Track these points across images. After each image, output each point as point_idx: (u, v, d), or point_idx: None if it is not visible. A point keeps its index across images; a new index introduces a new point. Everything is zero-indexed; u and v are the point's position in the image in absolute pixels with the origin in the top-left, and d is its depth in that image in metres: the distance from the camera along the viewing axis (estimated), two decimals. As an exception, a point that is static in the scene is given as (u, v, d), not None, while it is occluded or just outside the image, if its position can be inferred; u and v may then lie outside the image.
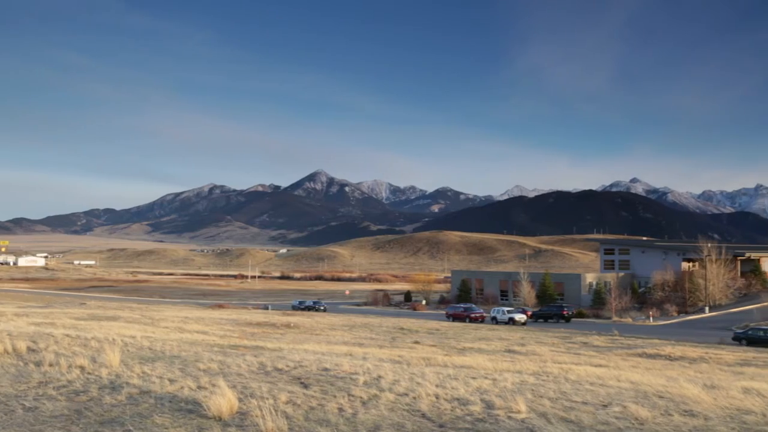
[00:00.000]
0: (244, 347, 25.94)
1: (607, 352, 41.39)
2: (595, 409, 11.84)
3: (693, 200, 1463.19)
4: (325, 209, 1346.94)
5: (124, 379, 12.95)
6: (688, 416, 11.54)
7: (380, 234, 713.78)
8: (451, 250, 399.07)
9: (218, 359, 17.92)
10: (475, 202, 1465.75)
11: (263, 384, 13.17)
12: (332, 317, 78.60)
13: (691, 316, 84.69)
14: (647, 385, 16.63)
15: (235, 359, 18.16)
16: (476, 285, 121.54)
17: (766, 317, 69.00)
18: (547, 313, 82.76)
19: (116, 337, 26.25)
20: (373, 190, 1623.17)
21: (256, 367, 16.46)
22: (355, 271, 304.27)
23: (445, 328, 62.25)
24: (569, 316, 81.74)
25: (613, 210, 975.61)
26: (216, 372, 15.00)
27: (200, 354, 19.75)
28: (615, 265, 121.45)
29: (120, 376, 13.49)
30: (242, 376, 14.46)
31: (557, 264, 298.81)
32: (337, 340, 44.19)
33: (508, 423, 10.31)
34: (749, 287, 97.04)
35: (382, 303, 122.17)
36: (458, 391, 13.27)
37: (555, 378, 17.97)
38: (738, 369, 32.15)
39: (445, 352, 34.16)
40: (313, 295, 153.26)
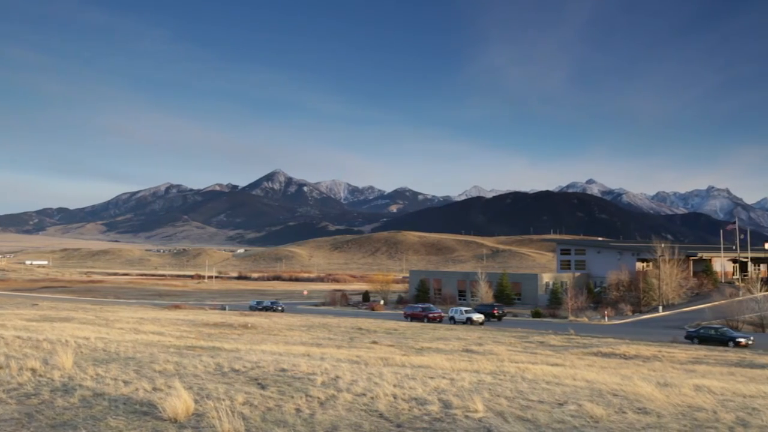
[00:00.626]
0: (200, 348, 25.70)
1: (563, 351, 41.82)
2: (551, 408, 11.95)
3: (647, 201, 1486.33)
4: (283, 209, 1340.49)
5: (77, 382, 12.72)
6: (642, 414, 11.71)
7: (338, 234, 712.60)
8: (410, 251, 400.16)
9: (174, 360, 17.71)
10: (434, 202, 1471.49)
11: (220, 385, 13.05)
12: (290, 317, 78.25)
13: (645, 315, 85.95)
14: (602, 384, 16.83)
15: (191, 360, 17.96)
16: (434, 285, 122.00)
17: (717, 316, 70.21)
18: (482, 312, 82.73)
19: (69, 338, 25.82)
20: (332, 190, 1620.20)
21: (212, 368, 16.30)
22: (313, 272, 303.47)
23: (404, 328, 62.34)
24: (500, 315, 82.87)
25: (570, 211, 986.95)
26: (172, 373, 14.82)
27: (156, 355, 19.51)
28: (571, 265, 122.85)
29: (73, 378, 13.25)
30: (199, 378, 14.31)
31: (515, 264, 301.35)
32: (295, 340, 43.99)
33: (466, 422, 10.35)
34: (701, 287, 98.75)
35: (341, 303, 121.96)
36: (416, 391, 13.29)
37: (512, 377, 18.10)
38: (690, 367, 32.72)
39: (403, 352, 34.21)
40: (270, 295, 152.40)
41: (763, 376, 28.02)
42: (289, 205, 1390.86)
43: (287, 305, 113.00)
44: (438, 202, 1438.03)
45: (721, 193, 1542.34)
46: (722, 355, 42.13)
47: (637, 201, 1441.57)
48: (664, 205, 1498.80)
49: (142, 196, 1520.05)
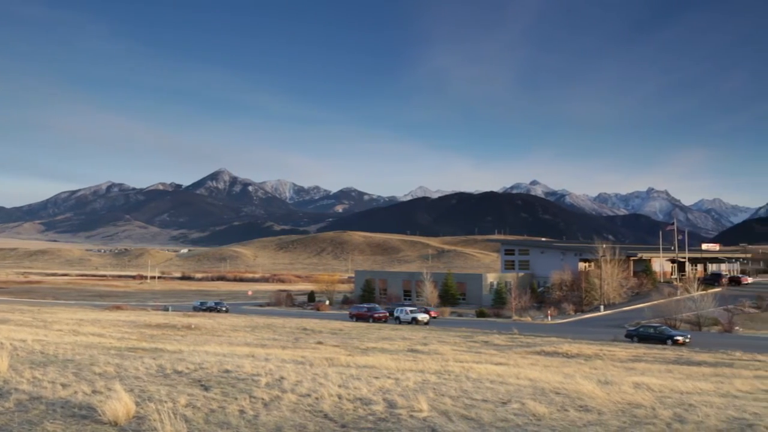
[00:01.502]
0: (142, 350, 25.30)
1: (507, 350, 42.24)
2: (494, 407, 12.06)
3: (589, 202, 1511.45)
4: (228, 209, 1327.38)
5: (12, 385, 12.40)
6: (583, 411, 11.90)
7: (284, 234, 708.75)
8: (355, 251, 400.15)
9: (115, 362, 17.41)
10: (379, 202, 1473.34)
11: (162, 387, 12.86)
12: (234, 318, 77.54)
13: (587, 314, 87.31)
14: (545, 382, 17.05)
15: (132, 362, 17.68)
16: (380, 285, 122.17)
17: (656, 315, 71.66)
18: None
19: (5, 340, 25.16)
20: (277, 190, 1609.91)
21: (155, 369, 16.06)
22: (258, 272, 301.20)
23: (349, 329, 62.27)
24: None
25: (514, 211, 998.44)
26: (112, 375, 14.56)
27: (96, 357, 19.15)
28: (515, 266, 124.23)
29: (8, 381, 12.91)
30: (140, 380, 14.08)
31: (460, 264, 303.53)
32: (239, 341, 43.59)
33: (410, 422, 10.37)
34: (641, 286, 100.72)
35: (286, 303, 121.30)
36: (361, 391, 13.29)
37: (456, 377, 18.21)
38: (630, 365, 33.35)
39: (348, 353, 34.17)
40: (215, 295, 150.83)
41: (700, 373, 28.71)
42: (233, 204, 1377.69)
43: (232, 306, 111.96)
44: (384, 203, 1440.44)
45: (660, 195, 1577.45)
46: (661, 353, 43.04)
47: (580, 202, 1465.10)
48: (606, 206, 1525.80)
49: (82, 195, 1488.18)
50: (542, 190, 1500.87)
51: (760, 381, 24.85)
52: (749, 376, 28.19)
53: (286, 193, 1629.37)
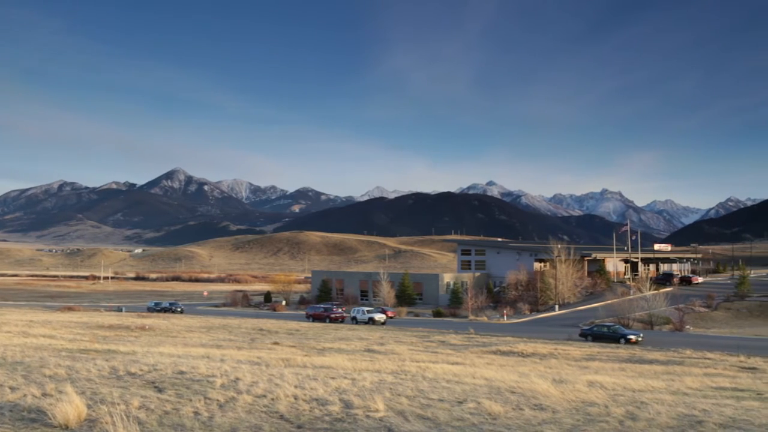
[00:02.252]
0: (95, 351, 24.91)
1: (463, 350, 42.45)
2: (450, 406, 12.11)
3: (545, 203, 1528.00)
4: (183, 208, 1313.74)
5: (-41, 388, 12.11)
6: (538, 410, 12.01)
7: (240, 234, 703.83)
8: (312, 251, 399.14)
9: (66, 364, 17.10)
10: (336, 202, 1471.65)
11: (115, 389, 12.67)
12: (189, 319, 76.78)
13: (542, 314, 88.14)
14: (501, 382, 17.18)
15: (84, 364, 17.39)
16: (337, 285, 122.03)
17: (610, 314, 72.63)
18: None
19: (-47, 342, 24.58)
20: (233, 190, 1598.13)
21: (107, 371, 15.82)
22: (213, 272, 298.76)
23: (305, 329, 62.06)
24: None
25: (471, 212, 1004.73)
26: (63, 378, 14.30)
27: (46, 359, 18.80)
28: (471, 266, 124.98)
29: (-45, 384, 12.61)
30: (92, 382, 13.86)
31: (416, 264, 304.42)
32: (195, 342, 43.15)
33: (367, 422, 10.37)
34: (595, 286, 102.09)
35: (242, 304, 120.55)
36: (317, 392, 13.25)
37: (413, 376, 18.26)
38: (584, 364, 33.76)
39: (305, 353, 34.04)
40: (169, 296, 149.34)
41: (652, 372, 29.18)
42: (189, 204, 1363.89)
43: (187, 306, 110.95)
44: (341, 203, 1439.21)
45: (614, 196, 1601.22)
46: (614, 351, 43.65)
47: (535, 203, 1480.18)
48: (561, 207, 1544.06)
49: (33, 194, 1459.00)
50: (498, 190, 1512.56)
51: (710, 378, 25.36)
52: (699, 373, 28.74)
53: (243, 193, 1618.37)
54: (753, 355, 41.36)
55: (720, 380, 24.72)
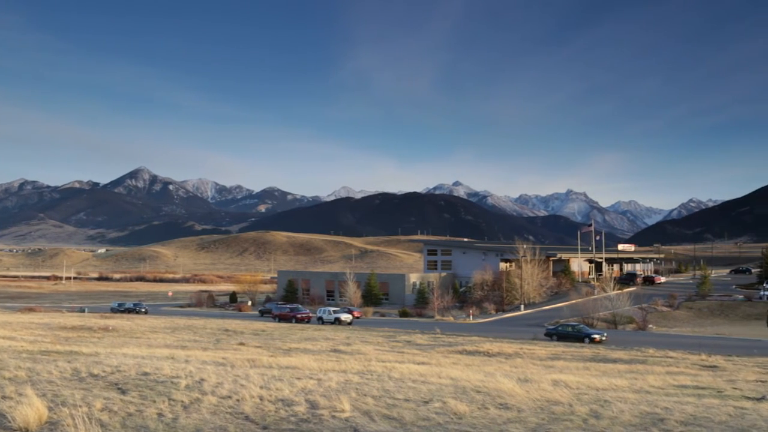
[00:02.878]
0: (56, 353, 24.57)
1: (429, 350, 42.57)
2: (416, 406, 12.14)
3: (510, 203, 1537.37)
4: (148, 208, 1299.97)
5: None
6: (503, 409, 12.09)
7: (205, 234, 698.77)
8: (278, 251, 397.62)
9: (27, 366, 16.85)
10: (303, 202, 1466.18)
11: (77, 391, 12.51)
12: (154, 319, 76.07)
13: (508, 314, 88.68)
14: (466, 381, 17.26)
15: (46, 366, 17.14)
16: (303, 285, 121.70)
17: (574, 314, 73.32)
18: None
19: None
20: (199, 189, 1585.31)
21: (69, 373, 15.61)
22: (178, 272, 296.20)
23: (271, 329, 61.81)
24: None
25: (437, 212, 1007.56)
26: (24, 380, 14.08)
27: (6, 361, 18.50)
28: (438, 266, 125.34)
29: None
30: (54, 384, 13.66)
31: (383, 264, 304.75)
32: (159, 343, 42.76)
33: (332, 422, 10.36)
34: (560, 286, 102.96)
35: (207, 304, 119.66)
36: (283, 392, 13.20)
37: (379, 376, 18.27)
38: (549, 363, 34.05)
39: (271, 353, 33.91)
40: (133, 296, 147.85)
41: (615, 370, 29.52)
42: (153, 203, 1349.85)
43: (151, 307, 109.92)
44: (307, 203, 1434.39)
45: (579, 197, 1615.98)
46: (579, 351, 44.09)
47: (501, 203, 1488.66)
48: (526, 207, 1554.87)
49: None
50: (464, 191, 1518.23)
51: (672, 377, 25.73)
52: (661, 372, 29.13)
53: (208, 193, 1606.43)
54: (714, 353, 42.04)
55: (682, 378, 25.09)
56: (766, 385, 23.56)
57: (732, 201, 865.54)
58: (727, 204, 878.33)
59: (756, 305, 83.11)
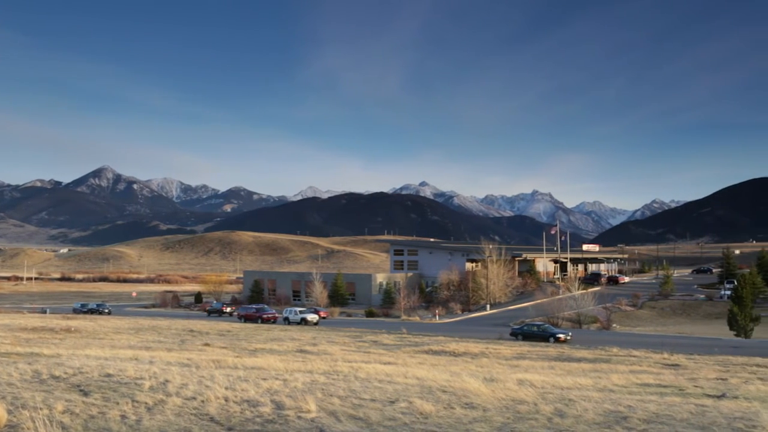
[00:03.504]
0: (17, 354, 24.20)
1: (395, 350, 42.62)
2: (382, 406, 12.13)
3: (477, 204, 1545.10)
4: (111, 207, 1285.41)
5: None
6: (469, 409, 12.13)
7: (170, 234, 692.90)
8: (244, 251, 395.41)
9: (-14, 368, 16.54)
10: (269, 202, 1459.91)
11: (37, 393, 12.31)
12: (117, 320, 75.24)
13: (474, 313, 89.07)
14: (432, 381, 17.30)
15: (5, 368, 16.86)
16: (269, 285, 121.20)
17: (539, 314, 73.82)
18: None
19: None
20: (163, 189, 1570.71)
21: (30, 375, 15.37)
22: (143, 272, 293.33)
23: (237, 330, 61.47)
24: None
25: (403, 212, 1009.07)
26: (-17, 382, 13.82)
27: (-35, 363, 18.15)
28: (404, 266, 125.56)
29: None
30: (13, 386, 13.43)
31: (349, 264, 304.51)
32: (123, 344, 42.30)
33: (298, 423, 10.31)
34: (525, 286, 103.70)
35: (172, 305, 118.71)
36: (248, 393, 13.12)
37: (345, 377, 18.25)
38: (514, 362, 34.26)
39: (236, 354, 33.72)
40: (97, 297, 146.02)
41: (579, 369, 29.80)
42: (117, 203, 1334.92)
43: (115, 307, 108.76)
44: (273, 202, 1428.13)
45: (544, 197, 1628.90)
46: (544, 350, 44.42)
47: (467, 203, 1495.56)
48: (492, 207, 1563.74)
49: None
50: (431, 191, 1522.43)
51: (635, 375, 26.03)
52: (625, 371, 29.46)
53: (173, 192, 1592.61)
54: (676, 352, 42.62)
55: (645, 377, 25.40)
56: (726, 383, 23.94)
57: (694, 202, 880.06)
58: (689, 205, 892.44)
59: (717, 305, 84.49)
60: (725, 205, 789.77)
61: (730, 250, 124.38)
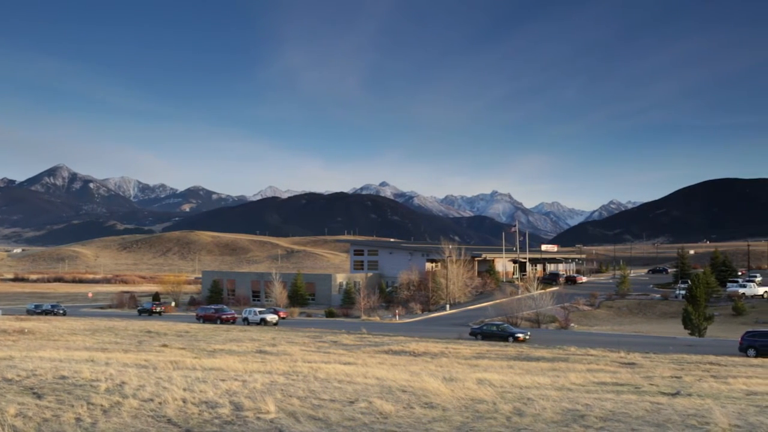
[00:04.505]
0: (-32, 356, 23.67)
1: (355, 350, 42.62)
2: (342, 406, 12.10)
3: (437, 204, 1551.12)
4: (67, 206, 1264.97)
5: None
6: (429, 408, 12.16)
7: (127, 233, 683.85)
8: (203, 251, 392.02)
9: (-64, 371, 16.16)
10: (228, 202, 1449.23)
11: (-11, 396, 12.04)
12: (73, 321, 74.09)
13: (434, 313, 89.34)
14: (392, 381, 17.31)
15: (-44, 370, 16.47)
16: (228, 286, 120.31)
17: (499, 313, 74.31)
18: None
19: None
20: (121, 188, 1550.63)
21: (-19, 378, 15.03)
22: (99, 273, 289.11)
23: (196, 330, 60.97)
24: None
25: (364, 212, 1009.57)
26: (-68, 385, 13.50)
27: None
28: (364, 266, 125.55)
29: None
30: (-36, 389, 13.12)
31: (309, 264, 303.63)
32: (78, 345, 41.67)
33: (257, 424, 10.24)
34: (485, 286, 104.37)
35: (129, 305, 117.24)
36: (207, 394, 13.00)
37: (305, 377, 18.18)
38: (474, 362, 34.46)
39: (195, 355, 33.42)
40: (51, 298, 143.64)
41: (538, 368, 30.07)
42: (73, 202, 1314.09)
43: (70, 308, 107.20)
44: (233, 202, 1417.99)
45: (503, 198, 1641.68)
46: (503, 349, 44.77)
47: (428, 204, 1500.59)
48: (452, 208, 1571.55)
49: None
50: (391, 191, 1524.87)
51: (592, 374, 26.35)
52: (582, 369, 29.81)
53: (131, 191, 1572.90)
54: (632, 351, 43.29)
55: (602, 376, 25.72)
56: (680, 381, 24.36)
57: (650, 203, 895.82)
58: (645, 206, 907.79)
59: (672, 304, 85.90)
60: (680, 206, 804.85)
61: (684, 251, 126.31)
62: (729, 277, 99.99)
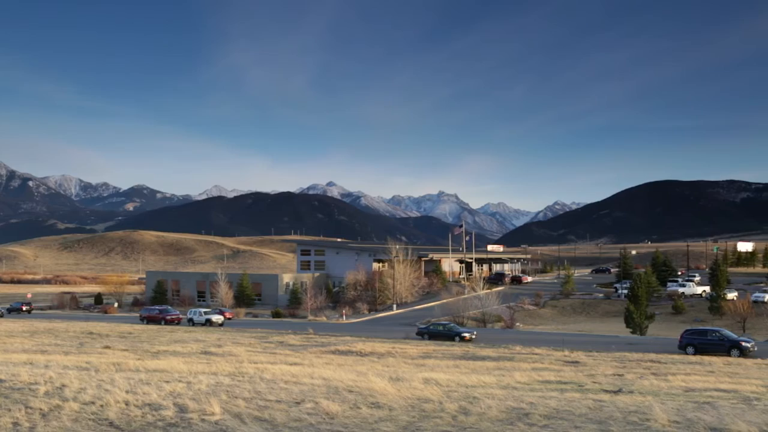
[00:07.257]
0: None
1: (302, 350, 42.46)
2: (288, 407, 12.04)
3: (384, 204, 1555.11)
4: (5, 205, 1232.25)
5: None
6: (375, 408, 12.17)
7: (68, 233, 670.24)
8: (147, 251, 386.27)
9: None
10: (173, 201, 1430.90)
11: None
12: (10, 323, 72.34)
13: (381, 313, 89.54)
14: (339, 381, 17.29)
15: None
16: (173, 286, 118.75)
17: (445, 313, 74.78)
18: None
19: None
20: (62, 186, 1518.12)
21: None
22: (39, 273, 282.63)
23: (139, 331, 60.06)
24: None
25: (311, 212, 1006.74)
26: None
27: None
28: (311, 266, 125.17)
29: None
30: None
31: (256, 264, 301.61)
32: (16, 348, 40.68)
33: (202, 426, 10.13)
34: (432, 286, 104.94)
35: (70, 306, 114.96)
36: (150, 396, 12.81)
37: (250, 378, 18.05)
38: (420, 361, 34.62)
39: (138, 357, 32.90)
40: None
41: (484, 368, 30.34)
42: (11, 200, 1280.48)
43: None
44: (177, 201, 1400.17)
45: (450, 198, 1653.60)
46: (449, 349, 45.06)
47: (375, 204, 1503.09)
48: (399, 208, 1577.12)
49: None
50: (338, 191, 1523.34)
51: (537, 373, 26.70)
52: (527, 368, 30.18)
53: (72, 190, 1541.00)
54: (576, 349, 44.00)
55: (546, 374, 26.08)
56: (622, 379, 24.83)
57: (593, 204, 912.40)
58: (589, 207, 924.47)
59: (614, 303, 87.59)
60: (623, 207, 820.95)
61: (627, 251, 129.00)
62: (669, 276, 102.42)
